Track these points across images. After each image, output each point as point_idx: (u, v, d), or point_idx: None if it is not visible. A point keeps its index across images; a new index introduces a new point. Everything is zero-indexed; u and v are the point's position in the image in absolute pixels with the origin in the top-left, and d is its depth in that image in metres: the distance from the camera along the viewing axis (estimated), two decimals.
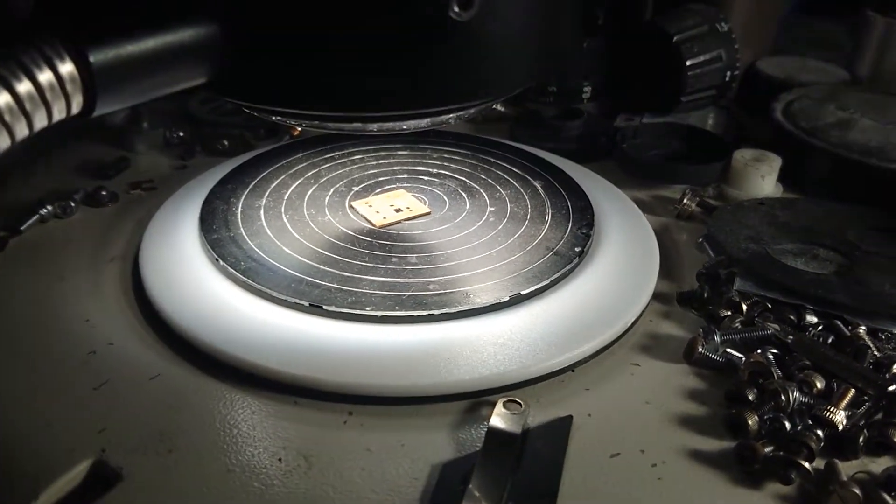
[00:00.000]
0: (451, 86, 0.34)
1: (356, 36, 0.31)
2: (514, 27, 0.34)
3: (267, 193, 0.50)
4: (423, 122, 0.37)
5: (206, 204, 0.48)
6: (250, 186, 0.51)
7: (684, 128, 0.63)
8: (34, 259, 0.46)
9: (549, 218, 0.48)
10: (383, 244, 0.45)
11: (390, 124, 0.37)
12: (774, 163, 0.54)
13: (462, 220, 0.48)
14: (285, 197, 0.50)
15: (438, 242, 0.46)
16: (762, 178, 0.53)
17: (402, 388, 0.36)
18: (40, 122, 0.29)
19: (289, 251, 0.44)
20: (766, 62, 0.71)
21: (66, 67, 0.28)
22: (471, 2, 0.28)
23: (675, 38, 0.59)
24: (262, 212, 0.48)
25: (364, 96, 0.33)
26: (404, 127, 0.37)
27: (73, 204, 0.51)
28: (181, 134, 0.60)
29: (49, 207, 0.50)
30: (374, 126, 0.37)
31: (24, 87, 0.28)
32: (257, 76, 0.33)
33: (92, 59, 0.28)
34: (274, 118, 0.37)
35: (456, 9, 0.28)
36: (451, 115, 0.37)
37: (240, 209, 0.48)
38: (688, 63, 0.58)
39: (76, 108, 0.29)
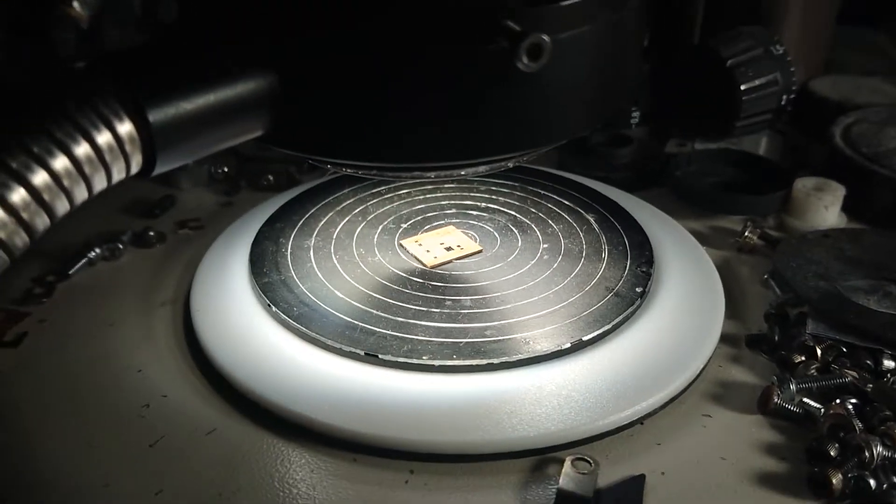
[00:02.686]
0: (515, 134, 0.32)
1: (422, 88, 0.30)
2: (582, 73, 0.32)
3: (315, 232, 0.49)
4: (482, 168, 0.36)
5: (256, 245, 0.47)
6: (298, 225, 0.50)
7: (739, 154, 0.61)
8: (83, 304, 0.46)
9: (605, 255, 0.47)
10: (436, 286, 0.44)
11: (449, 171, 0.35)
12: (838, 192, 0.52)
13: (515, 259, 0.47)
14: (334, 236, 0.49)
15: (492, 283, 0.44)
16: (825, 209, 0.51)
17: (465, 444, 0.34)
18: (99, 184, 0.28)
19: (341, 295, 0.43)
20: (819, 82, 0.69)
21: (125, 127, 0.28)
22: (540, 52, 0.27)
23: (728, 63, 0.57)
24: (311, 252, 0.47)
25: (428, 147, 0.32)
26: (462, 173, 0.36)
27: (121, 246, 0.50)
28: (226, 169, 0.60)
29: (97, 250, 0.49)
30: (433, 173, 0.35)
31: (81, 149, 0.27)
32: (318, 128, 0.32)
33: (151, 117, 0.28)
34: (329, 166, 0.36)
35: (525, 60, 0.27)
36: (511, 160, 0.36)
37: (289, 250, 0.47)
38: (742, 88, 0.57)
39: (135, 167, 0.29)
